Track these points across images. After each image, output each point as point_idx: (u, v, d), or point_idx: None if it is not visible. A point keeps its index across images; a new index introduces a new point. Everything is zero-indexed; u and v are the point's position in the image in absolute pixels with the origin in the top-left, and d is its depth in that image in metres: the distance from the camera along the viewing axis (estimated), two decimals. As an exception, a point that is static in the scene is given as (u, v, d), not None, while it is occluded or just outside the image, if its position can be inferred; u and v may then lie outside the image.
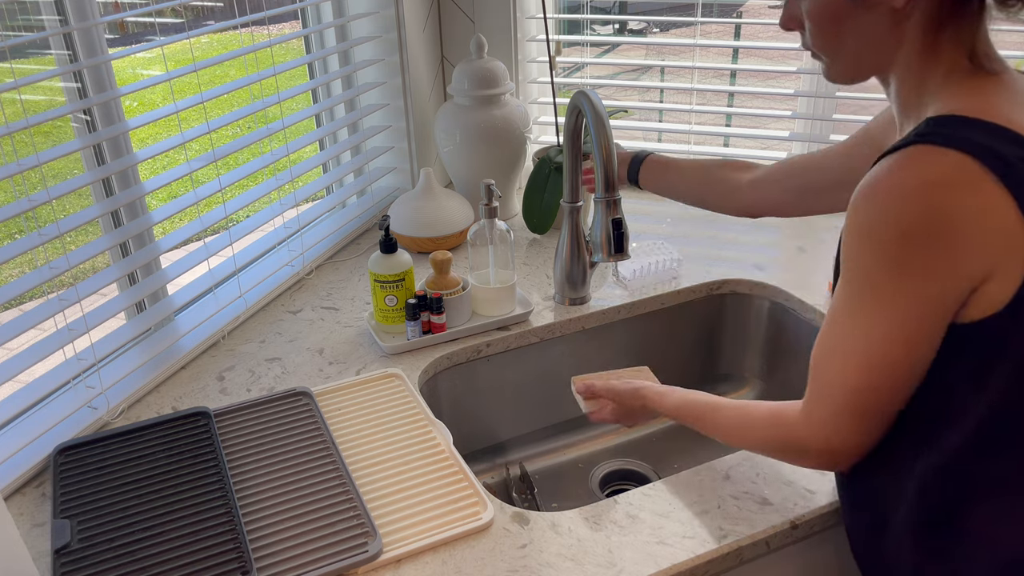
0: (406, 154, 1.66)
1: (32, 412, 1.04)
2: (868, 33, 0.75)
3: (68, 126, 1.21)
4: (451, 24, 1.72)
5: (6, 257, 0.93)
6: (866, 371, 0.71)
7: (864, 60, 0.78)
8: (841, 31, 0.77)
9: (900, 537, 0.77)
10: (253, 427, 1.03)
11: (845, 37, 0.77)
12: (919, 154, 0.66)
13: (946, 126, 0.68)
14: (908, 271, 0.67)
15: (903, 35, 0.73)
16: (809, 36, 0.80)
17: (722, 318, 1.42)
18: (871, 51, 0.76)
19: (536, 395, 1.32)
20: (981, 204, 0.64)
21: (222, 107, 4.16)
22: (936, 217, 0.65)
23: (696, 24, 1.66)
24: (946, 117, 0.69)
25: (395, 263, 1.17)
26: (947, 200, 0.64)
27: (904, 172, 0.66)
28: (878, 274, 0.68)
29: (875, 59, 0.77)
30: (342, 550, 0.83)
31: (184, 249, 1.30)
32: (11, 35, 0.94)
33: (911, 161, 0.66)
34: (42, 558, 0.86)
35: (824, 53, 0.80)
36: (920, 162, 0.66)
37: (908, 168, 0.66)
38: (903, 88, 0.76)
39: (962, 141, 0.65)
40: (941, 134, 0.67)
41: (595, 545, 0.86)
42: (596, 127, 1.04)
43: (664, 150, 1.81)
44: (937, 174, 0.65)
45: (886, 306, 0.69)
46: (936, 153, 0.65)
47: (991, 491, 0.72)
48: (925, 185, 0.65)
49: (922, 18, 0.72)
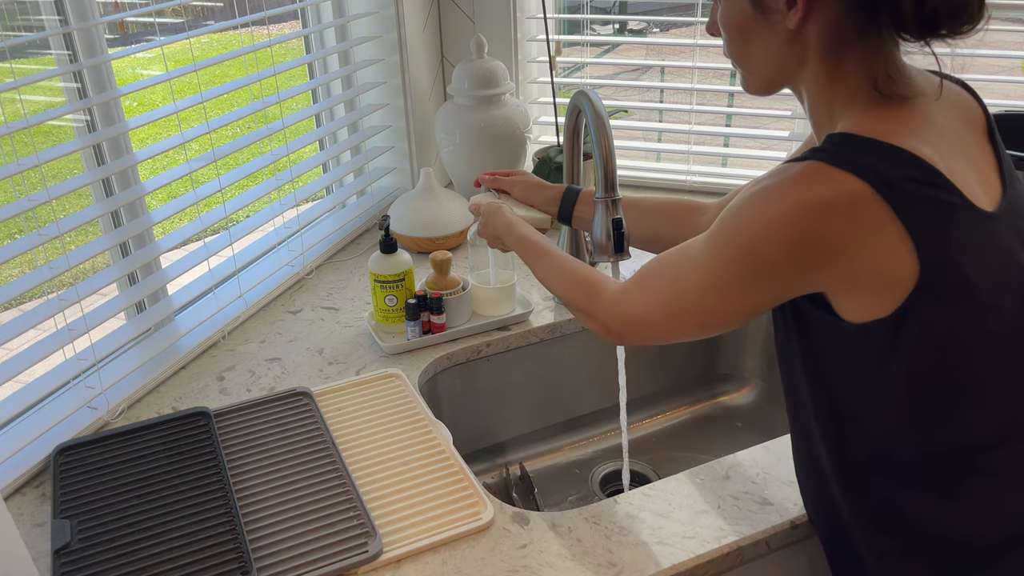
0: (406, 154, 1.65)
1: (32, 412, 1.04)
2: (770, 48, 0.77)
3: (68, 126, 1.21)
4: (451, 24, 1.72)
5: (6, 257, 0.93)
6: (690, 307, 0.77)
7: (770, 73, 0.80)
8: (748, 42, 0.79)
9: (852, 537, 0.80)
10: (253, 427, 1.03)
11: (751, 49, 0.80)
12: (812, 171, 0.68)
13: (841, 145, 0.70)
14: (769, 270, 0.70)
15: (805, 55, 0.75)
16: (725, 45, 0.83)
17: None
18: (775, 65, 0.79)
19: (536, 395, 1.32)
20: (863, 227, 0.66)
21: (222, 107, 4.16)
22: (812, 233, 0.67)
23: (696, 24, 1.66)
24: (843, 136, 0.71)
25: (395, 263, 1.17)
26: (828, 220, 0.66)
27: (795, 186, 0.68)
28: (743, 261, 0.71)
29: (780, 73, 0.79)
30: (342, 550, 0.83)
31: (184, 249, 1.30)
32: (11, 35, 0.94)
33: (804, 177, 0.68)
34: (42, 558, 0.86)
35: (736, 63, 0.83)
36: (811, 179, 0.67)
37: (800, 183, 0.68)
38: (812, 104, 0.78)
39: (852, 163, 0.67)
40: (835, 153, 0.68)
41: (595, 545, 0.86)
42: (596, 127, 1.04)
43: (664, 150, 1.82)
44: (825, 195, 0.66)
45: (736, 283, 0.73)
46: (827, 173, 0.67)
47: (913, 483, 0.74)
48: (811, 203, 0.67)
49: (820, 40, 0.74)
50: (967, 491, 0.72)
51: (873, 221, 0.66)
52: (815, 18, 0.73)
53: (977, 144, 0.78)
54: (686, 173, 1.75)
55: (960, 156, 0.73)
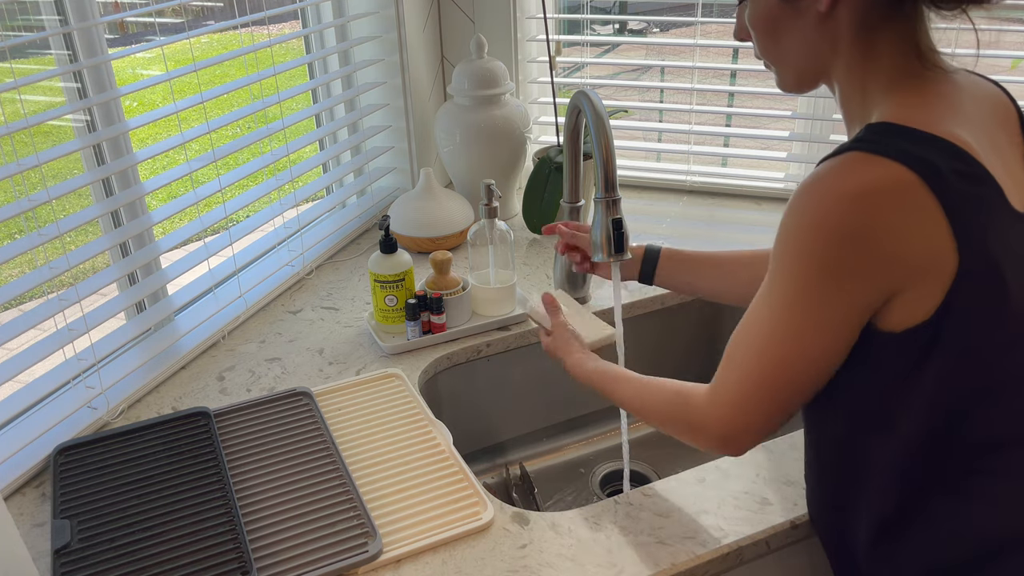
0: (406, 154, 1.65)
1: (32, 412, 1.04)
2: (802, 39, 0.76)
3: (68, 126, 1.21)
4: (451, 24, 1.72)
5: (6, 257, 0.93)
6: (779, 362, 0.72)
7: (804, 66, 0.79)
8: (779, 38, 0.78)
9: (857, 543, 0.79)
10: (253, 427, 1.03)
11: (783, 44, 0.78)
12: (855, 161, 0.66)
13: (883, 134, 0.68)
14: (833, 273, 0.67)
15: (837, 39, 0.74)
16: (755, 45, 0.82)
17: (722, 318, 1.42)
18: (808, 57, 0.77)
19: (536, 395, 1.32)
20: (911, 215, 0.65)
21: (222, 107, 4.16)
22: (866, 224, 0.65)
23: (696, 24, 1.66)
24: (883, 124, 0.70)
25: (395, 263, 1.17)
26: (878, 209, 0.65)
27: (839, 178, 0.66)
28: (804, 272, 0.69)
29: (814, 65, 0.78)
30: (342, 550, 0.83)
31: (184, 249, 1.30)
32: (11, 35, 0.94)
33: (847, 167, 0.67)
34: (42, 558, 0.86)
35: (770, 61, 0.82)
36: (855, 169, 0.66)
37: (843, 174, 0.66)
38: (845, 95, 0.77)
39: (897, 151, 0.66)
40: (877, 142, 0.67)
41: (595, 545, 0.86)
42: (596, 127, 1.04)
43: (664, 150, 1.82)
44: (871, 182, 0.65)
45: (808, 304, 0.69)
46: (871, 161, 0.66)
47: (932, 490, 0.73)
48: (858, 192, 0.65)
49: (852, 21, 0.72)
50: (971, 491, 0.72)
51: (920, 209, 0.65)
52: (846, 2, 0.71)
53: (1009, 141, 0.76)
54: (686, 173, 1.75)
55: (993, 150, 0.72)
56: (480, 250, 1.25)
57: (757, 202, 1.68)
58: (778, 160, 1.73)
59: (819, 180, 0.67)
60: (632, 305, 1.32)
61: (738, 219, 1.60)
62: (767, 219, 1.60)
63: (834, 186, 0.66)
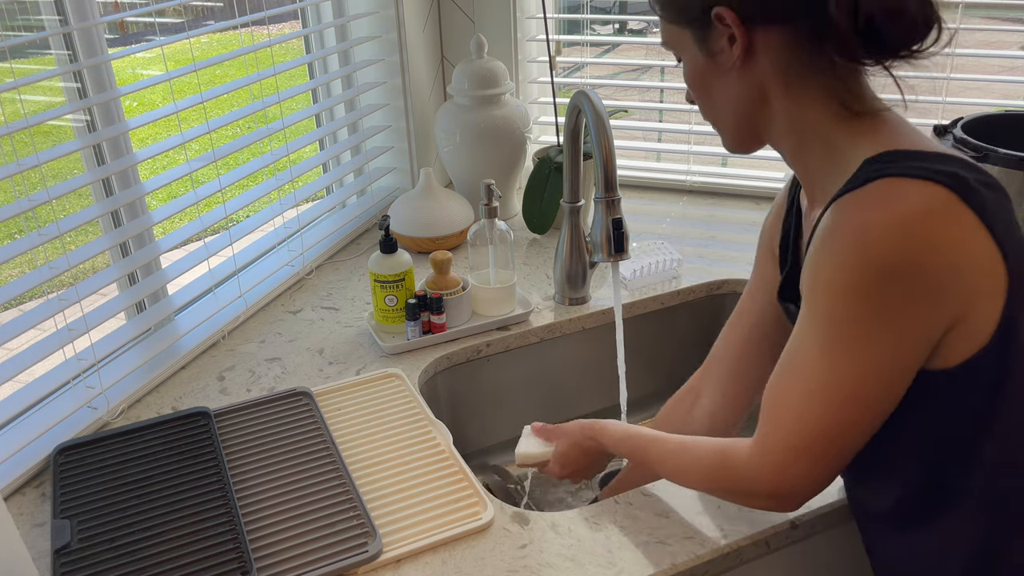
0: (406, 154, 1.65)
1: (32, 412, 1.04)
2: (730, 93, 0.76)
3: (68, 126, 1.21)
4: (451, 24, 1.72)
5: (6, 257, 0.93)
6: (831, 411, 0.67)
7: (738, 121, 0.78)
8: (711, 94, 0.78)
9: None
10: (253, 427, 1.03)
11: (716, 101, 0.78)
12: (887, 188, 0.63)
13: (895, 159, 0.66)
14: (889, 308, 0.63)
15: (764, 90, 0.73)
16: (698, 107, 0.81)
17: (722, 318, 1.41)
18: (739, 111, 0.76)
19: (536, 395, 1.32)
20: (956, 233, 0.62)
21: (222, 107, 4.15)
22: (916, 251, 0.62)
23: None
24: (887, 152, 0.67)
25: (395, 263, 1.17)
26: (925, 233, 0.62)
27: (878, 207, 0.63)
28: (856, 314, 0.64)
29: (747, 119, 0.77)
30: (342, 550, 0.83)
31: (184, 249, 1.30)
32: (11, 35, 0.94)
33: (882, 195, 0.63)
34: (42, 558, 0.86)
35: (710, 121, 0.81)
36: (891, 196, 0.63)
37: (881, 203, 0.63)
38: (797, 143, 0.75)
39: (923, 170, 0.63)
40: (897, 165, 0.64)
41: (595, 545, 0.86)
42: (596, 127, 1.04)
43: (664, 150, 1.82)
44: (915, 206, 0.62)
45: (863, 343, 0.65)
46: (904, 185, 0.63)
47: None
48: (902, 219, 0.62)
49: (775, 71, 0.72)
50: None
51: (962, 225, 0.62)
52: (763, 53, 0.71)
53: None
54: (686, 173, 1.75)
55: None
56: (480, 250, 1.24)
57: (757, 202, 1.68)
58: (778, 160, 1.73)
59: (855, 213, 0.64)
60: (632, 305, 1.32)
61: (738, 219, 1.60)
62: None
63: (875, 217, 0.62)
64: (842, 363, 0.66)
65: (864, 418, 0.67)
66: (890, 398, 0.67)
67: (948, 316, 0.64)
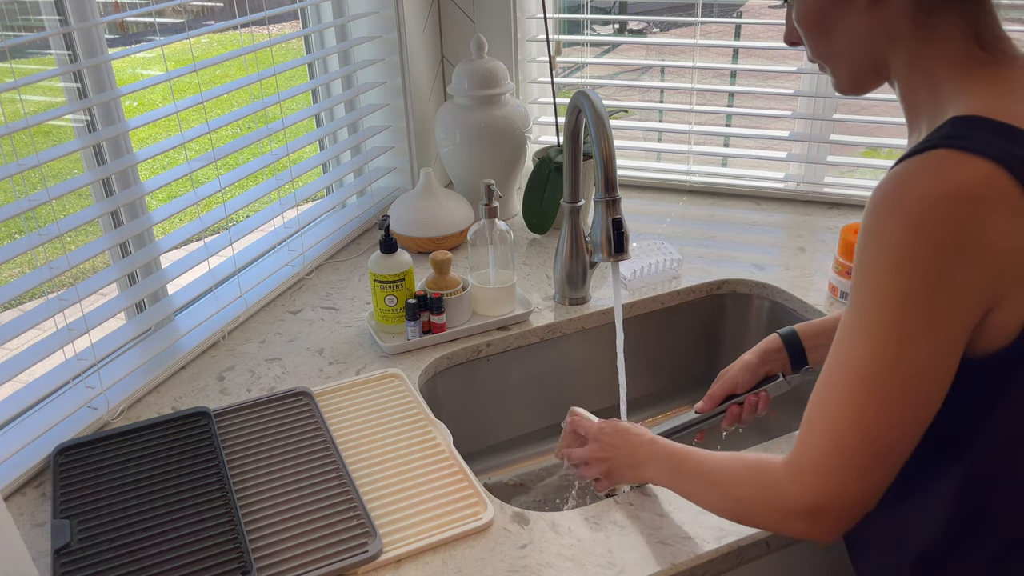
0: (406, 154, 1.65)
1: (32, 412, 1.04)
2: (854, 31, 0.71)
3: (68, 126, 1.21)
4: (451, 24, 1.72)
5: (6, 257, 0.93)
6: (873, 404, 0.62)
7: (859, 62, 0.73)
8: (829, 34, 0.74)
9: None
10: (253, 427, 1.03)
11: (834, 40, 0.74)
12: (948, 159, 0.60)
13: (972, 128, 0.63)
14: (937, 285, 0.60)
15: (892, 27, 0.69)
16: (806, 46, 0.77)
17: (722, 318, 1.42)
18: (862, 50, 0.72)
19: (536, 395, 1.32)
20: (1007, 217, 0.59)
21: (222, 107, 4.15)
22: (966, 228, 0.59)
23: (696, 24, 1.66)
24: (971, 119, 0.64)
25: (395, 263, 1.17)
26: (977, 211, 0.59)
27: (935, 177, 0.60)
28: (905, 289, 0.60)
29: (870, 59, 0.72)
30: (342, 550, 0.83)
31: (184, 249, 1.30)
32: (11, 35, 0.94)
33: (940, 166, 0.61)
34: (42, 558, 0.86)
35: (823, 61, 0.77)
36: (950, 168, 0.60)
37: (939, 174, 0.60)
38: (909, 88, 0.71)
39: (990, 147, 0.60)
40: (967, 137, 0.61)
41: (595, 545, 0.86)
42: (596, 127, 1.04)
43: (664, 150, 1.82)
44: (966, 182, 0.59)
45: (911, 324, 0.61)
46: (965, 160, 0.60)
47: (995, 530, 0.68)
48: (957, 194, 0.59)
49: (907, 5, 0.68)
50: None
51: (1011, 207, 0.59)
52: None
53: None
54: (686, 173, 1.75)
55: None
56: (480, 250, 1.25)
57: (757, 202, 1.68)
58: (778, 160, 1.73)
59: (911, 182, 0.61)
60: (632, 305, 1.32)
61: (738, 219, 1.60)
62: (767, 219, 1.60)
63: (932, 188, 0.60)
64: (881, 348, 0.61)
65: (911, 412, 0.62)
66: (939, 387, 0.62)
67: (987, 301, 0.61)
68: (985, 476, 0.67)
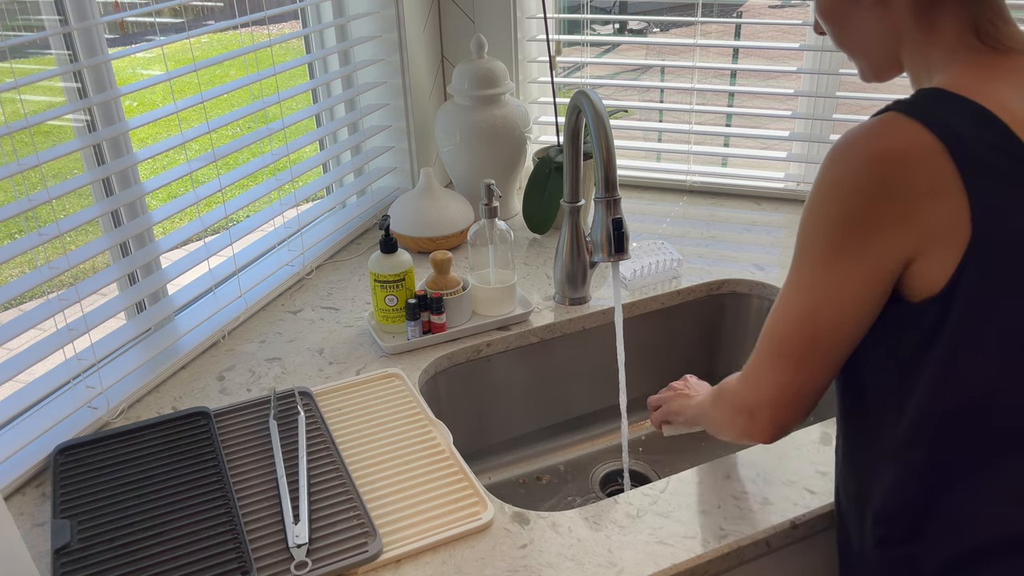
0: (406, 154, 1.65)
1: (32, 412, 1.04)
2: (865, 25, 0.77)
3: (68, 126, 1.21)
4: (451, 24, 1.72)
5: (6, 257, 0.93)
6: (799, 321, 0.72)
7: (875, 54, 0.79)
8: (846, 28, 0.79)
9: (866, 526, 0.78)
10: (253, 427, 1.03)
11: (851, 33, 0.79)
12: (888, 122, 0.67)
13: (927, 98, 0.68)
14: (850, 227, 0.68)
15: (898, 23, 0.74)
16: (830, 36, 0.82)
17: (722, 318, 1.42)
18: (874, 44, 0.78)
19: (536, 395, 1.32)
20: (928, 181, 0.65)
21: (222, 107, 4.15)
22: (883, 184, 0.66)
23: (696, 24, 1.66)
24: (933, 90, 0.69)
25: (395, 263, 1.17)
26: (897, 171, 0.65)
27: (870, 137, 0.67)
28: (825, 227, 0.70)
29: (883, 52, 0.78)
30: (342, 550, 0.83)
31: (184, 249, 1.30)
32: (11, 35, 0.94)
33: (879, 128, 0.67)
34: (42, 558, 0.86)
35: (846, 51, 0.82)
36: (885, 131, 0.67)
37: (874, 134, 0.67)
38: (915, 79, 0.76)
39: (932, 116, 0.66)
40: (916, 105, 0.67)
41: (595, 545, 0.86)
42: (596, 127, 1.04)
43: (664, 150, 1.82)
44: (896, 145, 0.66)
45: (827, 257, 0.70)
46: (902, 125, 0.66)
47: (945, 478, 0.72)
48: (882, 154, 0.66)
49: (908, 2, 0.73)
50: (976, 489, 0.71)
51: (938, 177, 0.64)
52: None
53: None
54: (686, 173, 1.75)
55: None
56: (480, 250, 1.25)
57: (757, 202, 1.68)
58: (778, 160, 1.73)
59: (853, 138, 0.68)
60: (632, 305, 1.32)
61: (738, 219, 1.60)
62: (767, 219, 1.60)
63: (864, 145, 0.67)
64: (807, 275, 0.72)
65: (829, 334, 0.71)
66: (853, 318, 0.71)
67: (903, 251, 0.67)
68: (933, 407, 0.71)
